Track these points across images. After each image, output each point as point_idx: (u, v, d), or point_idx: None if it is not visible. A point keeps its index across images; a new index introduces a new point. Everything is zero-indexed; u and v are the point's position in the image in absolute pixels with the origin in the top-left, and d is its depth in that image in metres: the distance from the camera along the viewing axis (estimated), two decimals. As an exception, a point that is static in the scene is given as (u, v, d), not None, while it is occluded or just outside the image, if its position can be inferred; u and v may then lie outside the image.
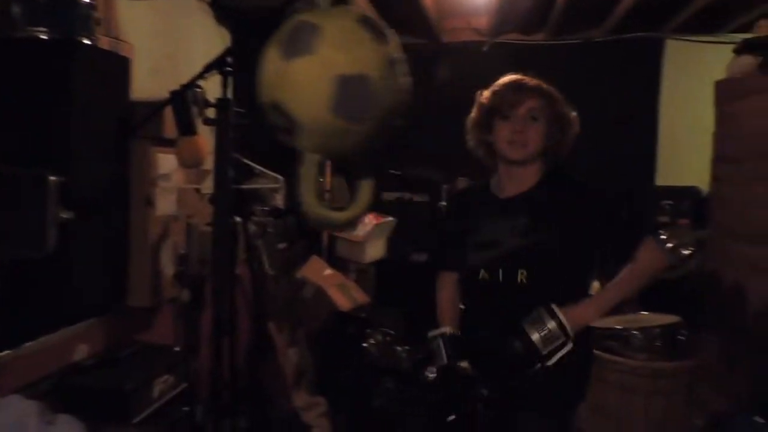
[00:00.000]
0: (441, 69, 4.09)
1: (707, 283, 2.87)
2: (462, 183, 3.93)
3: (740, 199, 2.58)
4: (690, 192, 3.60)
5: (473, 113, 1.69)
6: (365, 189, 1.45)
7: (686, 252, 2.90)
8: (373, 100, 1.27)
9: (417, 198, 3.85)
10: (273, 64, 1.33)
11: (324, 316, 3.06)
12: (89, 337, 1.93)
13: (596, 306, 1.47)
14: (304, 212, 1.40)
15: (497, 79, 1.67)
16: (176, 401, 1.94)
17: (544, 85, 1.59)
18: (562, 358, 1.41)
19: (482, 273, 1.58)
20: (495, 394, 1.45)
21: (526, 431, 1.53)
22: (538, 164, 1.60)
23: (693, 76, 3.66)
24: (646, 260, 1.45)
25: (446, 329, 1.63)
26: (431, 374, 1.62)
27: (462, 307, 1.72)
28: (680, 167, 3.77)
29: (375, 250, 3.66)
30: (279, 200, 3.43)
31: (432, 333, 1.64)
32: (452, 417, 1.51)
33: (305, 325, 3.12)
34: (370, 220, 3.61)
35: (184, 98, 1.77)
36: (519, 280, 1.52)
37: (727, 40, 3.43)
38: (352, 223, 1.55)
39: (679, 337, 2.40)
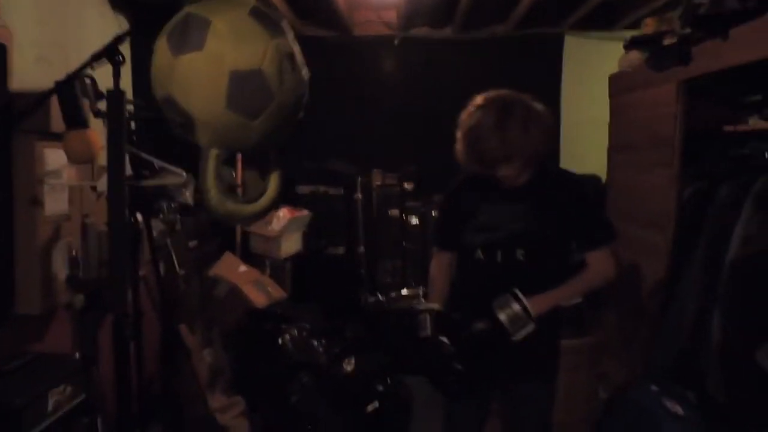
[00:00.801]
0: (353, 62, 4.07)
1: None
2: (377, 176, 3.95)
3: (633, 185, 2.75)
4: (591, 180, 3.80)
5: (459, 150, 1.71)
6: (272, 181, 1.43)
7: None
8: (269, 95, 1.25)
9: (332, 191, 3.83)
10: (164, 58, 1.27)
11: (239, 313, 2.97)
12: (-29, 351, 1.76)
13: (554, 297, 1.68)
14: (209, 207, 1.36)
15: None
16: (75, 413, 1.81)
17: (515, 111, 1.65)
18: (528, 335, 1.62)
19: (478, 253, 1.73)
20: (467, 369, 1.60)
21: (521, 395, 1.78)
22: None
23: (591, 70, 3.85)
24: (598, 272, 1.74)
25: (434, 306, 1.75)
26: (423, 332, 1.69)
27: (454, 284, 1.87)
28: (582, 157, 3.97)
29: (290, 245, 3.60)
30: (188, 197, 3.30)
31: (420, 306, 1.76)
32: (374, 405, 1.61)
33: (220, 324, 3.02)
34: (284, 215, 3.55)
35: (71, 88, 1.65)
36: (518, 258, 1.69)
37: (620, 37, 3.64)
38: (261, 215, 1.51)
39: (581, 315, 2.53)
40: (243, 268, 3.26)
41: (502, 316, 1.60)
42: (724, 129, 2.19)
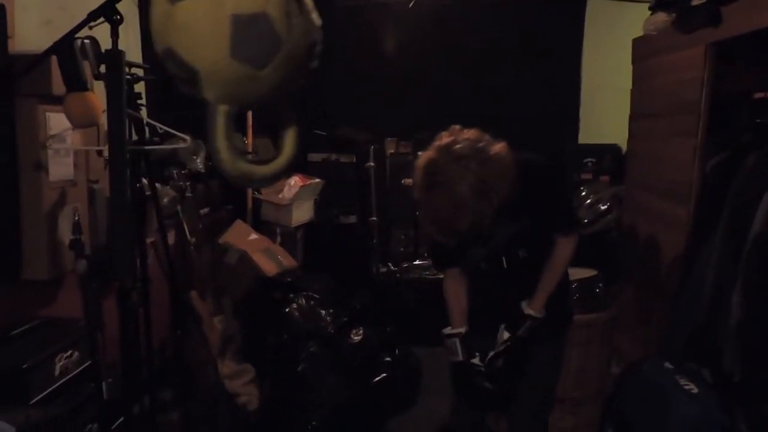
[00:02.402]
0: (366, 26, 3.96)
1: (623, 236, 2.98)
2: (390, 144, 3.88)
3: (654, 155, 2.65)
4: (611, 150, 3.70)
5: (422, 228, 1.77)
6: (289, 138, 1.35)
7: (603, 207, 3.00)
8: (276, 41, 1.16)
9: (344, 159, 3.77)
10: (160, 6, 1.20)
11: (249, 282, 2.97)
12: (-21, 315, 1.77)
13: (545, 294, 1.73)
14: (221, 169, 1.29)
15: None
16: (82, 378, 1.82)
17: (455, 182, 1.44)
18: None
19: (482, 265, 1.77)
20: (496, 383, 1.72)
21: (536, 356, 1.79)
22: None
23: (614, 35, 3.70)
24: (565, 257, 1.75)
25: (461, 329, 1.78)
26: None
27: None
28: (601, 126, 3.86)
29: (302, 213, 3.57)
30: (199, 163, 3.27)
31: (447, 331, 1.80)
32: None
33: (230, 292, 3.02)
34: (296, 182, 3.51)
35: (70, 50, 1.60)
36: (521, 257, 1.72)
37: (646, -1, 3.49)
38: (278, 176, 1.43)
39: (596, 290, 2.47)
40: (254, 236, 3.24)
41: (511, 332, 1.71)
42: (753, 95, 2.08)
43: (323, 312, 2.45)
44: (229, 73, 1.18)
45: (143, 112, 2.24)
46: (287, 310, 2.45)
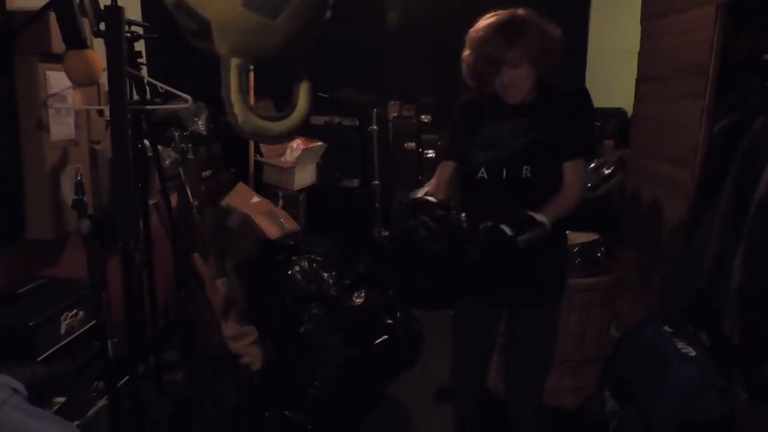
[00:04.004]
0: None
1: (627, 200, 2.97)
2: (393, 107, 3.84)
3: (660, 118, 2.62)
4: (616, 113, 3.65)
5: (466, 54, 1.70)
6: (302, 93, 1.32)
7: (607, 171, 2.98)
8: None
9: (347, 122, 3.73)
10: None
11: (251, 244, 2.98)
12: (-15, 273, 1.78)
13: (556, 210, 1.61)
14: (235, 125, 1.26)
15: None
16: (87, 337, 1.84)
17: (527, 20, 1.62)
18: (538, 247, 1.55)
19: (481, 172, 1.68)
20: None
21: (526, 316, 1.79)
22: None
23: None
24: (571, 186, 1.66)
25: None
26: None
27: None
28: (608, 89, 3.79)
29: (304, 176, 3.56)
30: (200, 125, 3.24)
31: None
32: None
33: (233, 255, 3.04)
34: (298, 145, 3.49)
35: (68, 5, 1.57)
36: (524, 175, 1.64)
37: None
38: (291, 133, 1.40)
39: (597, 254, 2.47)
40: (256, 198, 3.24)
41: (506, 217, 1.52)
42: (764, 57, 2.04)
43: (325, 275, 2.46)
44: (241, 22, 1.14)
45: (144, 71, 2.21)
46: (289, 272, 2.46)
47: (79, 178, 1.68)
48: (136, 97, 2.07)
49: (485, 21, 1.64)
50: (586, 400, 2.41)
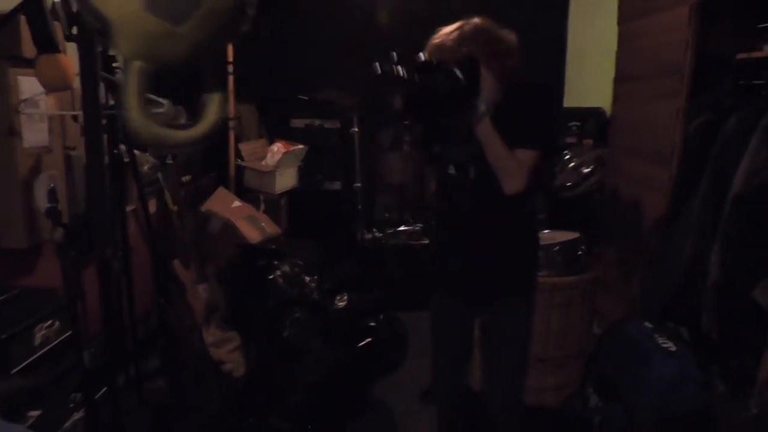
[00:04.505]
0: None
1: (606, 199, 3.00)
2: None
3: (637, 117, 2.65)
4: (595, 113, 3.68)
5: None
6: (212, 103, 1.28)
7: (586, 170, 3.00)
8: None
9: (328, 124, 3.71)
10: None
11: (233, 249, 2.95)
12: (-45, 286, 1.74)
13: (492, 132, 1.56)
14: (130, 129, 1.22)
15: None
16: (64, 348, 1.81)
17: (478, 26, 1.63)
18: (512, 247, 1.68)
19: (451, 168, 1.71)
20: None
21: (499, 312, 1.78)
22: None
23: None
24: (518, 162, 1.59)
25: None
26: None
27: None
28: (587, 89, 3.83)
29: (285, 180, 3.54)
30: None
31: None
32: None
33: (214, 260, 3.00)
34: (279, 149, 3.47)
35: (38, 8, 1.53)
36: (471, 175, 1.67)
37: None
38: (195, 144, 1.35)
39: (578, 252, 2.49)
40: (237, 203, 3.21)
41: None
42: (737, 57, 2.07)
43: (307, 278, 2.45)
44: (142, 26, 1.09)
45: (119, 75, 2.17)
46: (271, 277, 2.44)
47: (52, 185, 1.64)
48: (111, 101, 2.03)
49: (443, 29, 1.68)
50: (569, 397, 2.43)
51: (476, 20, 1.65)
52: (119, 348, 1.98)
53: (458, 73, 1.46)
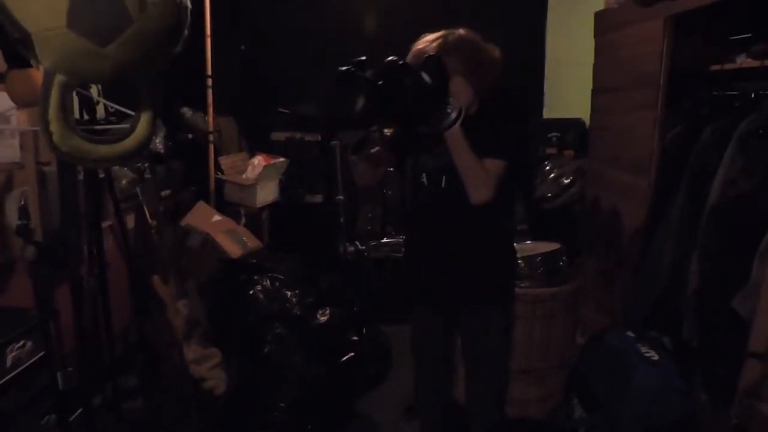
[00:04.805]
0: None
1: (587, 209, 3.02)
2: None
3: (616, 128, 2.67)
4: (575, 124, 3.72)
5: None
6: (143, 119, 1.25)
7: (566, 181, 3.02)
8: (123, 17, 1.05)
9: (308, 137, 3.70)
10: None
11: (213, 264, 2.91)
12: None
13: (461, 139, 1.54)
14: (49, 143, 1.18)
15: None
16: (36, 369, 1.75)
17: (461, 37, 1.63)
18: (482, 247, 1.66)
19: (423, 178, 1.71)
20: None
21: (477, 320, 1.77)
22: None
23: (577, 9, 3.70)
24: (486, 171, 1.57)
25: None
26: None
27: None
28: (566, 100, 3.87)
29: (266, 193, 3.51)
30: (158, 144, 3.17)
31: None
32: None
33: (194, 276, 2.96)
34: (259, 162, 3.44)
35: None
36: (443, 185, 1.66)
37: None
38: (122, 159, 1.32)
39: (560, 263, 2.50)
40: (217, 217, 3.17)
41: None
42: (710, 68, 2.11)
43: (289, 293, 2.42)
44: (64, 44, 1.05)
45: (93, 89, 2.14)
46: (251, 291, 2.41)
47: (23, 202, 1.60)
48: (85, 116, 2.00)
49: (425, 37, 1.67)
50: (553, 408, 2.42)
51: (461, 31, 1.65)
52: (95, 367, 1.93)
53: (425, 76, 1.45)
